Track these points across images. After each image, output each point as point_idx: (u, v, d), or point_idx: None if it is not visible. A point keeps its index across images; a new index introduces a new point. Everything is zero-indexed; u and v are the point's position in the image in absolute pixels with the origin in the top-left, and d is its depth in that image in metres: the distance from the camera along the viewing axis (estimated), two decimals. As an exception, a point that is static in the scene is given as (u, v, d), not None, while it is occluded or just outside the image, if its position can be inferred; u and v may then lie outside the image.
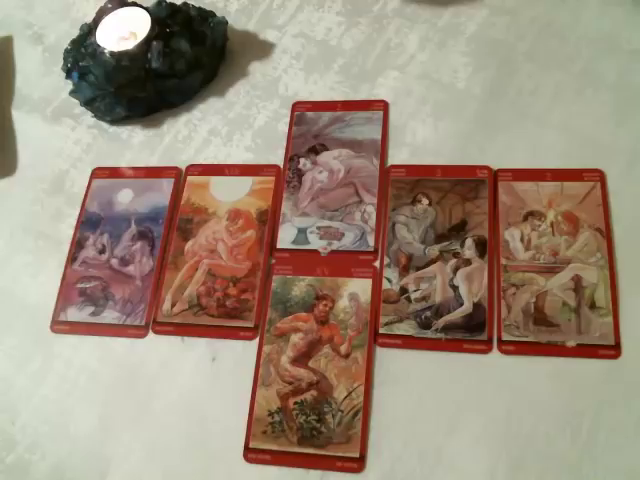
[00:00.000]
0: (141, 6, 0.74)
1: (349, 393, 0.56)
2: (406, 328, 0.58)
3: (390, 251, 0.61)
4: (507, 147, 0.64)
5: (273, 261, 0.64)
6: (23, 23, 0.87)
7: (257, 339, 0.60)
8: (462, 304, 0.58)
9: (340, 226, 0.64)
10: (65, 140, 0.76)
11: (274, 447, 0.55)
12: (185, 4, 0.76)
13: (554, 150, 0.63)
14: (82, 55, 0.74)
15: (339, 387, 0.56)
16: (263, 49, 0.76)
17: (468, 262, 0.59)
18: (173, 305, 0.63)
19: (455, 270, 0.59)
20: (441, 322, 0.57)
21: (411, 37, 0.73)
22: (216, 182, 0.69)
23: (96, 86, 0.73)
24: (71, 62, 0.75)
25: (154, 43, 0.71)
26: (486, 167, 0.63)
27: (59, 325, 0.65)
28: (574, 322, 0.55)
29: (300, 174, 0.67)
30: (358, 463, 0.54)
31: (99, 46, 0.72)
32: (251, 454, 0.55)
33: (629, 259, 0.57)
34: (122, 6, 0.75)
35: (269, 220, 0.65)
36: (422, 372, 0.56)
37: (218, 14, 0.76)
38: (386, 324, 0.58)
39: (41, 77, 0.82)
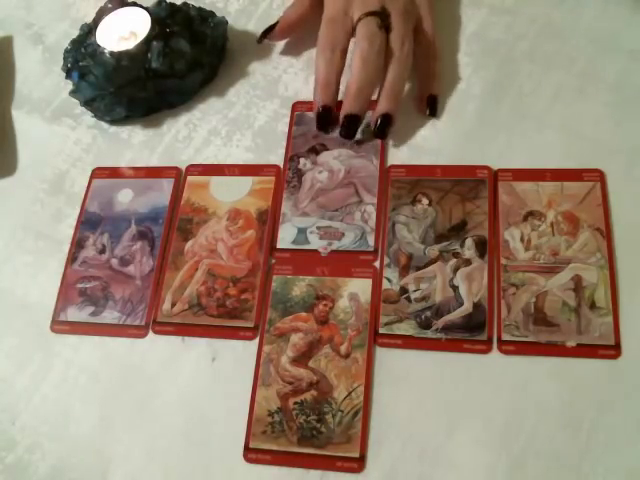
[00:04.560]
0: (141, 6, 0.74)
1: (349, 393, 0.56)
2: (406, 328, 0.58)
3: (390, 251, 0.61)
4: (507, 147, 0.64)
5: (273, 261, 0.64)
6: (23, 23, 0.86)
7: (257, 339, 0.60)
8: (462, 304, 0.58)
9: (340, 226, 0.64)
10: (65, 140, 0.76)
11: (274, 447, 0.55)
12: (185, 4, 0.76)
13: (554, 150, 0.63)
14: (82, 55, 0.74)
15: (339, 387, 0.56)
16: (263, 49, 0.76)
17: (468, 262, 0.59)
18: (173, 305, 0.63)
19: (455, 270, 0.59)
20: (441, 322, 0.57)
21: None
22: (216, 182, 0.69)
23: (96, 86, 0.73)
24: (71, 62, 0.75)
25: (154, 43, 0.71)
26: (486, 167, 0.63)
27: (59, 325, 0.65)
28: (574, 322, 0.55)
29: (300, 174, 0.67)
30: (358, 463, 0.54)
31: (99, 46, 0.72)
32: (251, 454, 0.55)
33: (629, 259, 0.57)
34: (122, 6, 0.75)
35: (269, 220, 0.65)
36: (422, 372, 0.56)
37: (218, 14, 0.76)
38: (386, 324, 0.58)
39: (41, 77, 0.82)
